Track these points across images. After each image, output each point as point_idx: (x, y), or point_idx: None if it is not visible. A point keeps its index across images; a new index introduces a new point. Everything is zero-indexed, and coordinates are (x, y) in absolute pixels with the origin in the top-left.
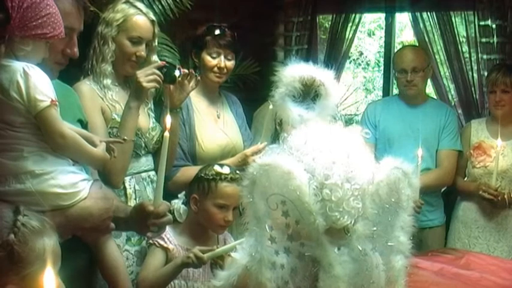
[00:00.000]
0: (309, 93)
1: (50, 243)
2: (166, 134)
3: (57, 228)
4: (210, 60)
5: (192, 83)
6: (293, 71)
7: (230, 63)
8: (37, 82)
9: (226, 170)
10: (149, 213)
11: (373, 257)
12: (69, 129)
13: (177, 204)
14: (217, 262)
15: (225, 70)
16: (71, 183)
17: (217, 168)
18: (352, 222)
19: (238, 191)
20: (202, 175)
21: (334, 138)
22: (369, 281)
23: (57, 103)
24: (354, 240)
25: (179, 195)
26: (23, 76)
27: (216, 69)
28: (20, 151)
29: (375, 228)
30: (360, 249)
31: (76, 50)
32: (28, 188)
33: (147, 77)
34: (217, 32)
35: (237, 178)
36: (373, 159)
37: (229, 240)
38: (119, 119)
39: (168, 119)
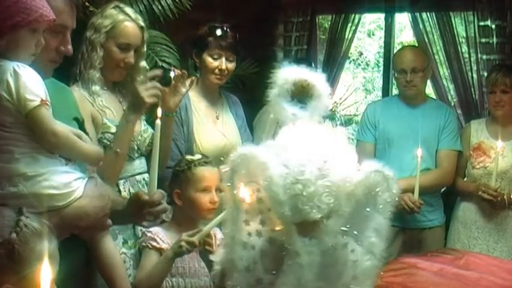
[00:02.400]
0: (302, 94)
1: (50, 246)
2: (158, 122)
3: (54, 228)
4: (211, 62)
5: (186, 84)
6: (286, 74)
7: (231, 65)
8: (27, 81)
9: (197, 156)
10: (144, 203)
11: (342, 252)
12: (62, 126)
13: None
14: (207, 242)
15: (226, 72)
16: (64, 183)
17: (187, 157)
18: (323, 217)
19: (216, 171)
20: (177, 168)
21: (314, 137)
22: (336, 275)
23: (48, 103)
24: (325, 234)
25: None
26: (13, 75)
27: (217, 70)
28: (11, 152)
29: (348, 226)
30: (330, 244)
31: (70, 47)
32: (21, 191)
33: (148, 91)
34: (219, 33)
35: (210, 161)
36: (355, 159)
37: (218, 234)
38: (109, 124)
39: (159, 110)
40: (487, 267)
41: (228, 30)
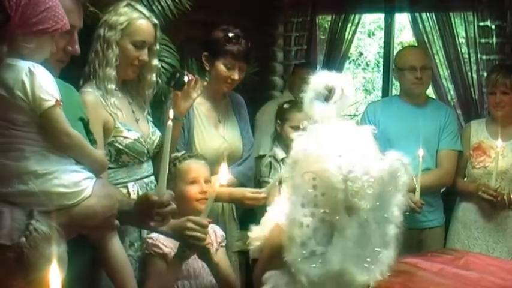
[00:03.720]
0: (330, 96)
1: (58, 250)
2: (170, 123)
3: (63, 227)
4: (224, 71)
5: (197, 89)
6: (319, 79)
7: (242, 75)
8: (42, 81)
9: (181, 152)
10: (153, 203)
11: (373, 225)
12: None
13: None
14: (208, 255)
15: (236, 81)
16: (74, 182)
17: (172, 155)
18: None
19: (202, 163)
20: None
21: (353, 137)
22: (368, 242)
23: (61, 103)
24: (361, 212)
25: None
26: (28, 75)
27: (228, 80)
28: (21, 151)
29: (377, 203)
30: (365, 217)
31: (77, 47)
32: (31, 189)
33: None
34: (235, 43)
35: (194, 154)
36: (379, 151)
37: (218, 231)
38: (122, 128)
39: (171, 112)
40: (487, 267)
41: (244, 40)
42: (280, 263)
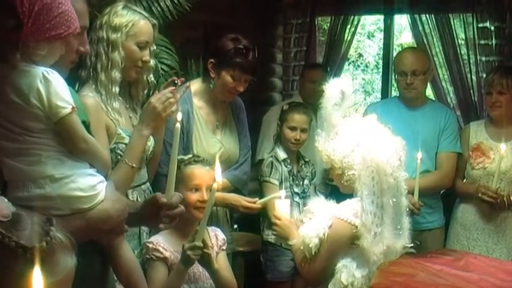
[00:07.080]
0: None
1: (71, 262)
2: (177, 125)
3: (77, 231)
4: (230, 82)
5: (181, 90)
6: (335, 85)
7: (246, 85)
8: (58, 88)
9: (188, 156)
10: (162, 205)
11: (395, 199)
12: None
13: None
14: (205, 243)
15: (240, 92)
16: (90, 185)
17: (179, 157)
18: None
19: (207, 170)
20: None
21: (384, 131)
22: (397, 213)
23: (76, 109)
24: (392, 190)
25: None
26: (43, 82)
27: (233, 90)
28: (37, 156)
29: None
30: (394, 194)
31: (88, 46)
32: (48, 193)
33: (163, 104)
34: (245, 56)
35: (200, 160)
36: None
37: (219, 235)
38: (123, 135)
39: (179, 114)
40: (487, 269)
41: (252, 52)
42: (346, 251)
